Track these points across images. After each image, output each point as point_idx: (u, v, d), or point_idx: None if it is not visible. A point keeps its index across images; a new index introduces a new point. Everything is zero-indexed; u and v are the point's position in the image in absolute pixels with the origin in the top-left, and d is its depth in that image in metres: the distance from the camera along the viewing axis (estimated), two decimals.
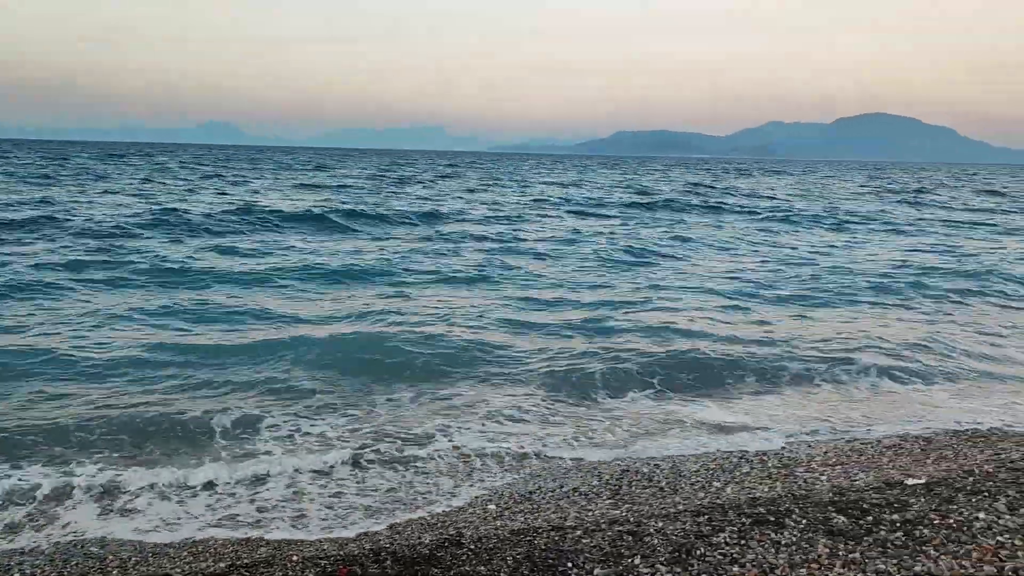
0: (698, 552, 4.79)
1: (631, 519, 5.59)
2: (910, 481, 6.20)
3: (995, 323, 14.28)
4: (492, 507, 6.42)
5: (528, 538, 5.23)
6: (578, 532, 5.27)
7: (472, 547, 5.10)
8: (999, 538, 4.92)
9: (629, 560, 4.73)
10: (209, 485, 6.79)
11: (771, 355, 11.20)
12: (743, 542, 4.92)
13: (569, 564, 4.72)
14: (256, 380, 9.56)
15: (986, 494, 5.68)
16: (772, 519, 5.29)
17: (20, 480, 6.69)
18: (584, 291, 16.19)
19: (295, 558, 5.21)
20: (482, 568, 4.78)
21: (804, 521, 5.24)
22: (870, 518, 5.28)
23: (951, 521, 5.20)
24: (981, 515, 5.29)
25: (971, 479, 6.13)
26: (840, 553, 4.75)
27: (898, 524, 5.16)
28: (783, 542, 4.91)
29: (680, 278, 18.28)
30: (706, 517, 5.41)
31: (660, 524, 5.33)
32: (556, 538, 5.17)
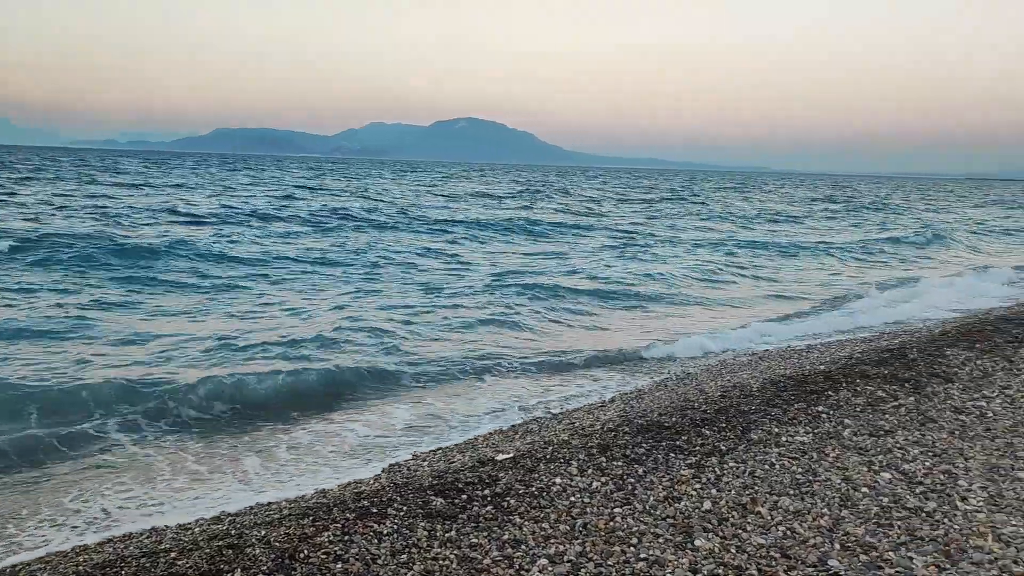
0: (302, 555, 4.71)
1: (232, 532, 5.33)
2: (500, 456, 6.71)
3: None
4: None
5: (115, 570, 4.74)
6: (172, 554, 4.90)
7: None
8: (571, 499, 5.52)
9: (229, 575, 4.50)
10: None
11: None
12: (347, 538, 4.94)
13: None
14: None
15: (561, 460, 6.34)
16: (375, 511, 5.38)
17: None
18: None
19: None
20: None
21: (405, 508, 5.40)
22: (465, 496, 5.62)
23: (533, 489, 5.72)
24: (558, 480, 5.89)
25: (550, 448, 6.80)
26: (438, 534, 4.98)
27: (489, 498, 5.55)
28: (385, 532, 5.01)
29: None
30: (311, 518, 5.34)
31: (263, 532, 5.15)
32: (147, 564, 4.75)
